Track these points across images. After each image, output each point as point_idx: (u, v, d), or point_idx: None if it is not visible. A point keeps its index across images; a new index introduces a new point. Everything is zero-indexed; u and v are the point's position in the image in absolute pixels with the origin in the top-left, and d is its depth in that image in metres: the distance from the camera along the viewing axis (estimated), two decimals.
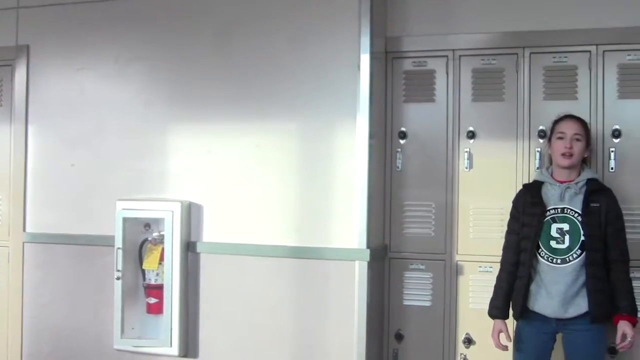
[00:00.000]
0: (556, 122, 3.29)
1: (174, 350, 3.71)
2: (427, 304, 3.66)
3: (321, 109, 3.61)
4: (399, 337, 3.70)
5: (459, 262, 3.62)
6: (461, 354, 3.62)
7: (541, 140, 3.50)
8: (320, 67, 3.62)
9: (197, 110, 3.81)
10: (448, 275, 3.63)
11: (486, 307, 3.25)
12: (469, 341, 3.60)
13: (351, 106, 3.52)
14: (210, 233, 3.76)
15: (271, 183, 3.68)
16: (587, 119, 3.43)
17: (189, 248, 3.75)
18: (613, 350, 3.37)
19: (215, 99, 3.78)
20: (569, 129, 3.20)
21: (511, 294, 3.21)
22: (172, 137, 3.85)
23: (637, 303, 3.14)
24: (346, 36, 3.56)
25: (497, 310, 3.22)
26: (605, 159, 3.46)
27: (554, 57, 3.55)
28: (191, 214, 3.77)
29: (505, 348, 3.20)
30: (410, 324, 3.69)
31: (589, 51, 3.50)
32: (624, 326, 3.06)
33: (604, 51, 3.48)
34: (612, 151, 3.46)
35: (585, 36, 3.50)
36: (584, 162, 3.27)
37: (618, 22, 3.47)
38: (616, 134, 3.46)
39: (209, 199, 3.77)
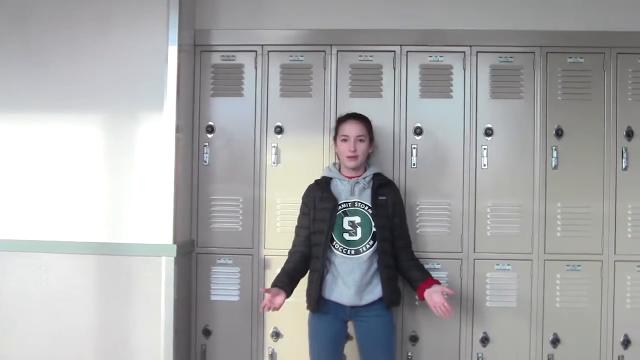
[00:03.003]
0: (339, 122, 3.38)
1: None
2: (235, 298, 3.65)
3: (127, 99, 3.48)
4: (207, 332, 3.66)
5: (266, 256, 3.64)
6: (269, 347, 3.64)
7: None
8: (127, 55, 3.49)
9: None
10: (256, 270, 3.64)
11: (295, 300, 3.23)
12: (277, 335, 3.63)
13: (158, 98, 3.43)
14: (5, 230, 3.53)
15: (73, 176, 3.51)
16: (391, 117, 3.59)
17: None
18: (414, 339, 3.57)
19: (11, 86, 3.54)
20: (352, 131, 3.29)
21: (295, 274, 3.24)
22: None
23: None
24: (154, 26, 3.46)
25: (279, 283, 3.17)
26: (407, 156, 3.60)
27: (360, 56, 3.64)
28: None
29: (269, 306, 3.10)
30: (218, 319, 3.66)
31: (393, 51, 3.63)
32: (438, 288, 3.13)
33: (407, 52, 3.62)
34: (414, 148, 3.61)
35: (390, 36, 3.63)
36: (369, 157, 3.39)
37: (420, 24, 3.63)
38: (418, 131, 3.61)
39: (4, 194, 3.54)
